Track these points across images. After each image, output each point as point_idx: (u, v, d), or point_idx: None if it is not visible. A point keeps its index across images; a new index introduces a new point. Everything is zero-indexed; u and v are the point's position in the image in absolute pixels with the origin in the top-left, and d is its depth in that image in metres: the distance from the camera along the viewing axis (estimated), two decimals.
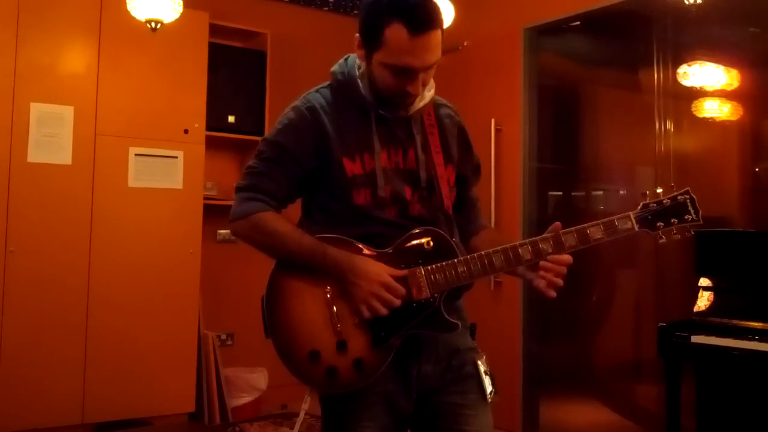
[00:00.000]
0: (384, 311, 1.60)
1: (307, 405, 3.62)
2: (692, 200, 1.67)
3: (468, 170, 1.89)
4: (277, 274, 1.68)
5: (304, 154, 1.70)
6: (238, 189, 1.75)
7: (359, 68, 1.73)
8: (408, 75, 1.63)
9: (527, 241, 1.65)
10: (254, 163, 1.74)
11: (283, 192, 1.73)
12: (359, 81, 1.73)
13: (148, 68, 4.29)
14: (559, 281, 1.65)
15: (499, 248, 1.65)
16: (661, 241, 1.67)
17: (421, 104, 1.74)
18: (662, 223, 1.65)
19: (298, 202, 1.82)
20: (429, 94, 1.76)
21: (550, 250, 1.64)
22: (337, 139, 1.70)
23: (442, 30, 1.65)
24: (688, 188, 1.68)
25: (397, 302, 1.61)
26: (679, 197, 1.67)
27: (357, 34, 1.69)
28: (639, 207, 1.67)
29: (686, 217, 1.66)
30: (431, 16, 1.60)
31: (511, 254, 1.64)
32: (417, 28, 1.58)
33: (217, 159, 4.79)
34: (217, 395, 4.45)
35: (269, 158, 1.72)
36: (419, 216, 1.72)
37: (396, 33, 1.59)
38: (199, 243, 4.41)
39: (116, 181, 4.17)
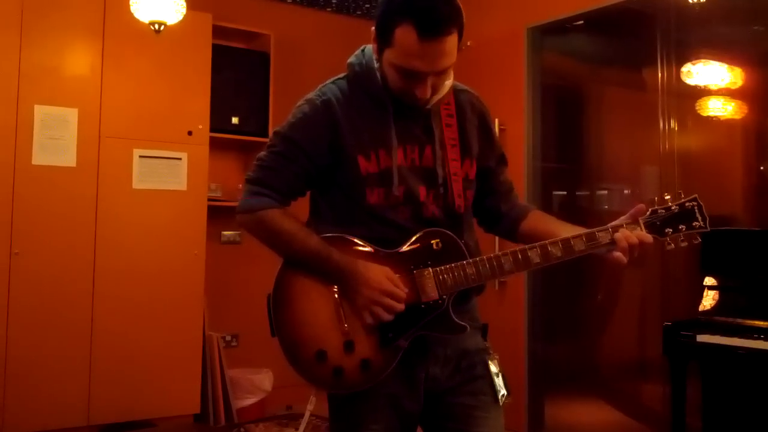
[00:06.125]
0: (387, 317, 1.59)
1: (312, 406, 3.63)
2: (700, 207, 1.67)
3: (491, 161, 1.83)
4: (285, 272, 1.66)
5: (316, 150, 1.67)
6: (247, 181, 1.72)
7: (377, 60, 1.66)
8: (416, 78, 1.57)
9: (537, 244, 1.65)
10: (264, 155, 1.71)
11: (291, 188, 1.71)
12: (377, 72, 1.66)
13: (151, 70, 4.30)
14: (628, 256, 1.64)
15: (508, 251, 1.65)
16: (669, 247, 1.67)
17: (439, 95, 1.67)
18: (670, 229, 1.66)
19: (307, 196, 1.79)
20: (447, 83, 1.69)
21: (558, 254, 1.64)
22: (352, 134, 1.66)
23: (461, 32, 1.56)
24: (696, 195, 1.68)
25: (400, 307, 1.59)
26: (687, 204, 1.67)
27: (373, 27, 1.63)
28: (647, 212, 1.67)
29: (694, 224, 1.66)
30: (445, 20, 1.51)
31: (520, 257, 1.64)
32: (428, 33, 1.50)
33: (220, 160, 4.80)
34: (222, 396, 4.45)
35: (280, 153, 1.69)
36: (432, 218, 1.69)
37: (405, 35, 1.51)
38: (204, 244, 4.42)
39: (120, 182, 4.18)
